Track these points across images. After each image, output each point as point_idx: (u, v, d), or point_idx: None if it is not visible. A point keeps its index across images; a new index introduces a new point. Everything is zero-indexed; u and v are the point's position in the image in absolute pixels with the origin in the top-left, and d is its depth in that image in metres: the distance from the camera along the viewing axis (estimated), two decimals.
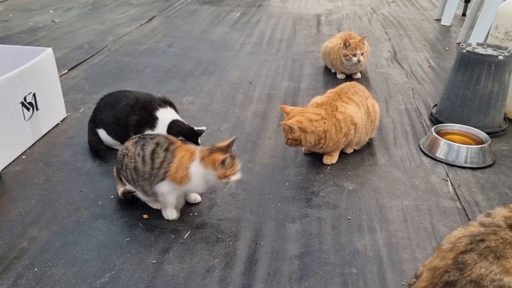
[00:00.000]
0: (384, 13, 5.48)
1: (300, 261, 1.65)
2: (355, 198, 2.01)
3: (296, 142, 2.15)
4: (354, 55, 3.18)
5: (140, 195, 1.88)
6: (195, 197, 1.97)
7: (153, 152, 1.76)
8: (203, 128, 2.23)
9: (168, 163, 1.74)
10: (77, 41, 4.23)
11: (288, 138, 2.15)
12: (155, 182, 1.77)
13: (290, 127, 2.10)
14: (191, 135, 2.17)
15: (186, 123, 2.25)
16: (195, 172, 1.73)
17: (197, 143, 2.17)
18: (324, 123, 2.14)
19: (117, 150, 2.32)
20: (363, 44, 3.23)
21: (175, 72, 3.52)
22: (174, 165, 1.74)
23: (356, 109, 2.24)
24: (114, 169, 1.94)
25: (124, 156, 1.82)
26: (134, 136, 1.88)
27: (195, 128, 2.22)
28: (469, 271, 1.03)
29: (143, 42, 4.24)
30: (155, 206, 1.92)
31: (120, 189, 1.92)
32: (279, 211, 1.93)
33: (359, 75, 3.40)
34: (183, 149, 1.78)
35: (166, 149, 1.77)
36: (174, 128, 2.18)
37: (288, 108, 2.24)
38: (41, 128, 2.48)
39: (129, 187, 1.88)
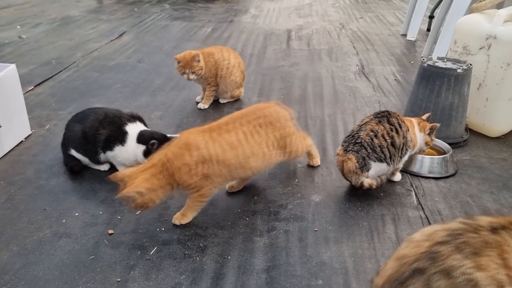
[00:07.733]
0: (353, 28, 5.62)
1: (267, 274, 1.65)
2: (322, 210, 2.03)
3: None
4: (184, 73, 2.97)
5: (388, 169, 2.09)
6: None
7: (398, 123, 2.05)
8: (176, 135, 2.21)
9: (405, 131, 2.07)
10: (45, 57, 4.16)
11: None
12: (408, 152, 2.13)
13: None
14: (163, 140, 2.12)
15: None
16: (419, 137, 2.18)
17: None
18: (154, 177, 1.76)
19: (91, 168, 2.30)
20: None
21: (144, 87, 3.51)
22: (410, 132, 2.11)
23: (227, 142, 1.87)
24: (353, 161, 2.00)
25: (372, 138, 1.99)
26: (367, 118, 2.08)
27: (168, 135, 2.21)
28: (441, 262, 1.00)
29: (113, 58, 4.21)
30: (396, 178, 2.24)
31: (367, 180, 2.04)
32: (247, 225, 1.93)
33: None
34: (405, 118, 2.15)
35: (401, 120, 2.08)
36: (145, 134, 2.18)
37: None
38: (3, 146, 2.42)
39: (370, 178, 2.05)
